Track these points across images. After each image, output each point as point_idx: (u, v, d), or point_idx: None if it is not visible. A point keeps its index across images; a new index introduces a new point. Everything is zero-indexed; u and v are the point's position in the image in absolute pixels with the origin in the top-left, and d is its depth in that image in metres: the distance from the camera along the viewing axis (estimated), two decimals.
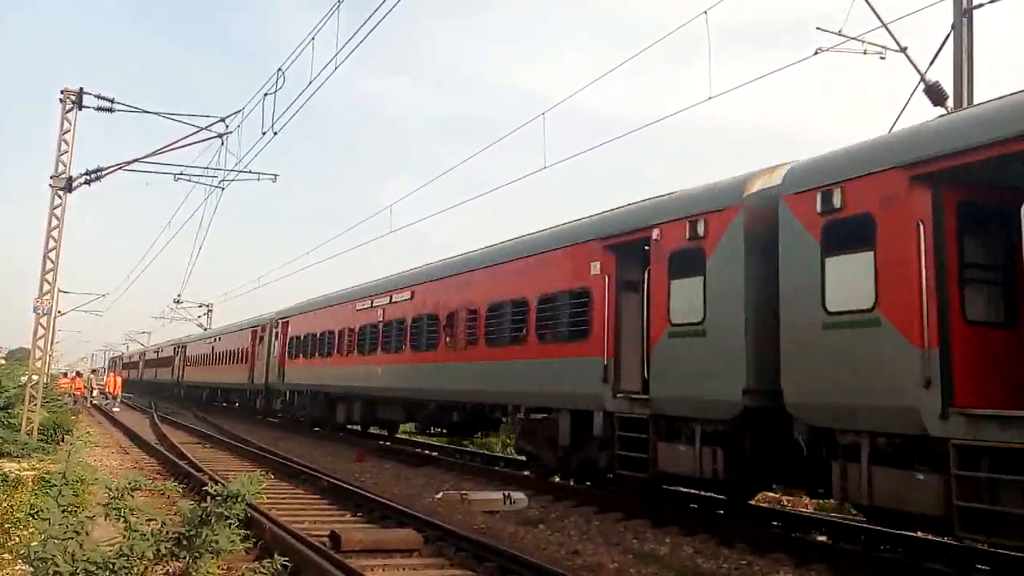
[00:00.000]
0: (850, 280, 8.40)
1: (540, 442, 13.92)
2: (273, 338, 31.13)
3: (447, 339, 16.99)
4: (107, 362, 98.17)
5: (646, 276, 11.43)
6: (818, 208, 8.77)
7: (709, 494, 12.01)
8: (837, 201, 8.57)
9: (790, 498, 14.32)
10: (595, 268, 12.29)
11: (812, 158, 9.46)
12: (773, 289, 9.37)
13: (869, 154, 8.54)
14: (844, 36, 13.11)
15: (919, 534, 10.56)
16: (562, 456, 13.32)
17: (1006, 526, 7.01)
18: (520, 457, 16.79)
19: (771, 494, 13.82)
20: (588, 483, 13.53)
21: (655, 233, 11.10)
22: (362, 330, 21.97)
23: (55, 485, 6.57)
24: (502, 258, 15.55)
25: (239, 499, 5.91)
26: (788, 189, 9.32)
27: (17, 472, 11.57)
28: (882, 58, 13.37)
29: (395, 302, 19.95)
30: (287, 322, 29.57)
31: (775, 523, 11.27)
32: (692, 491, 12.41)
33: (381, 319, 20.58)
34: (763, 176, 10.10)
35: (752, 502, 12.78)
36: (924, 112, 12.84)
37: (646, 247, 11.42)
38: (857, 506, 8.99)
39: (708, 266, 10.31)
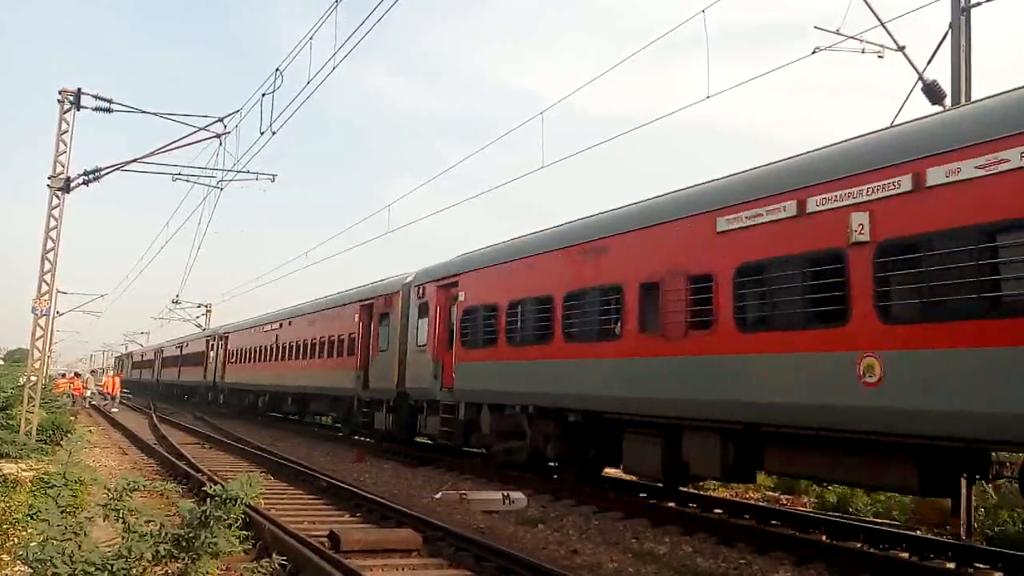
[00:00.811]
0: None
1: None
2: (413, 314, 19.40)
3: None
4: (113, 361, 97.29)
5: None
6: None
7: None
8: None
9: (789, 497, 14.36)
10: None
11: None
12: None
13: None
14: (842, 35, 13.10)
15: (918, 532, 10.59)
16: None
17: None
18: None
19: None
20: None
21: None
22: (746, 275, 9.70)
23: (54, 486, 6.56)
24: None
25: (238, 501, 5.89)
26: None
27: (15, 473, 11.56)
28: (880, 57, 13.36)
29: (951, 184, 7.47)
30: (451, 285, 17.61)
31: (774, 522, 11.28)
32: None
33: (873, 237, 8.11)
34: None
35: (751, 501, 12.72)
36: (927, 111, 12.79)
37: None
38: None
39: None
